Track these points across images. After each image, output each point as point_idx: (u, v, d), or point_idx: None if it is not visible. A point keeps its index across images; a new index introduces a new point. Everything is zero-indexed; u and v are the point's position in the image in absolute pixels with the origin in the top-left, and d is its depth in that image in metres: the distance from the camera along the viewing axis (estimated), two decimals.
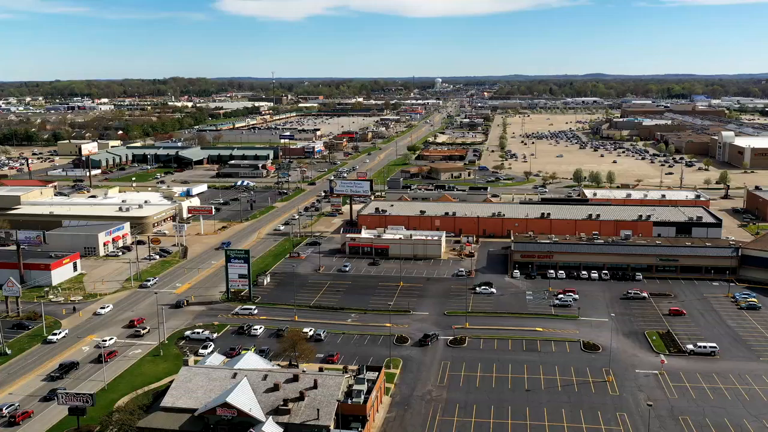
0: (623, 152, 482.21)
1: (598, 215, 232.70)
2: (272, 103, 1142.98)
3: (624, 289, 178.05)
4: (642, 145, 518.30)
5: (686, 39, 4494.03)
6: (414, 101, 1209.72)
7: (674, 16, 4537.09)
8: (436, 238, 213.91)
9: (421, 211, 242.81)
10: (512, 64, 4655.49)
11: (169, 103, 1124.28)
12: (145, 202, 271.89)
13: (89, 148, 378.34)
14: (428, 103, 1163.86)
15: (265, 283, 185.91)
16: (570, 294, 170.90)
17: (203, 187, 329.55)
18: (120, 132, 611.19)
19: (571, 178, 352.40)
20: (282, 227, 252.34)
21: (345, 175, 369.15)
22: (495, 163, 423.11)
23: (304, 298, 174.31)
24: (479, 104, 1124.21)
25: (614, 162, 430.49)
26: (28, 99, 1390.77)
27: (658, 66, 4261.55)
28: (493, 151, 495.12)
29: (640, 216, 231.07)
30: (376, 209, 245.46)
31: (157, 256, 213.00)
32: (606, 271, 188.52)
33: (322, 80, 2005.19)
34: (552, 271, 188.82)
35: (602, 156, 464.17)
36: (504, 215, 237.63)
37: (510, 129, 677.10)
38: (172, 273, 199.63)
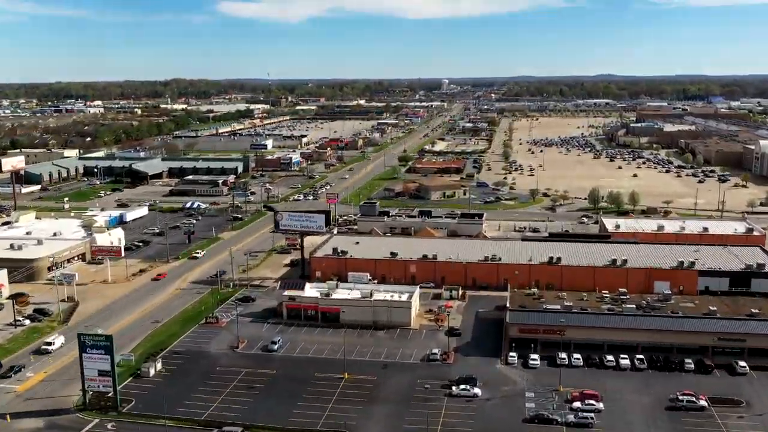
0: (643, 163, 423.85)
1: (625, 261, 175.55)
2: (268, 106, 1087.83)
3: (670, 387, 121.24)
4: (664, 155, 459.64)
5: (693, 39, 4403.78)
6: (418, 103, 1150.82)
7: (678, 16, 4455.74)
8: (404, 297, 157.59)
9: (392, 253, 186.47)
10: (521, 65, 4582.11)
11: (162, 106, 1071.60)
12: (54, 234, 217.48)
13: (13, 162, 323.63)
14: (432, 105, 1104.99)
15: (153, 372, 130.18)
16: (591, 403, 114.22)
17: (143, 211, 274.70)
18: (88, 139, 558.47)
19: (585, 198, 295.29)
20: (215, 271, 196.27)
21: (325, 189, 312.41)
22: (497, 177, 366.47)
23: (198, 405, 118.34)
24: (485, 106, 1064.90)
25: (634, 175, 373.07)
26: (22, 101, 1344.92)
27: (669, 66, 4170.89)
28: (496, 161, 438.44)
29: (681, 263, 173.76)
30: (334, 250, 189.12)
31: (27, 321, 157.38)
32: (641, 357, 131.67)
33: (326, 82, 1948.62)
34: (564, 355, 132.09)
35: (620, 168, 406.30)
36: (500, 259, 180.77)
37: (516, 134, 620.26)
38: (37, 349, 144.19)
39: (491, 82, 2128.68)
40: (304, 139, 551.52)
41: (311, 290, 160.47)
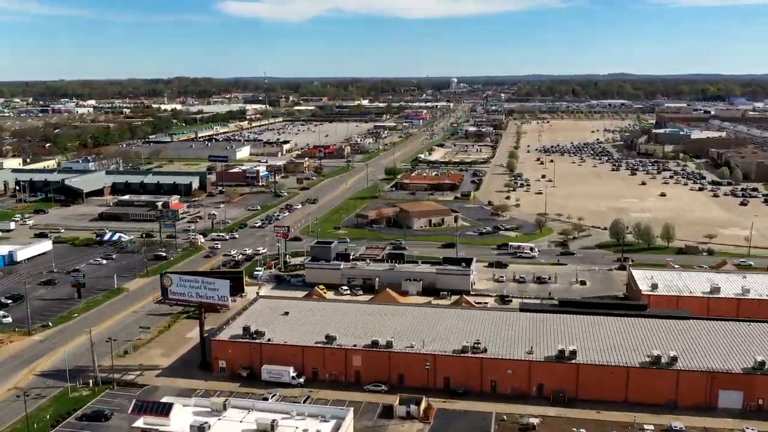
0: (671, 177, 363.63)
1: (675, 358, 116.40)
2: (265, 106, 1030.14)
3: None
4: (694, 167, 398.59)
5: (704, 38, 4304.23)
6: (424, 103, 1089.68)
7: (686, 16, 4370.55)
8: (326, 431, 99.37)
9: (328, 337, 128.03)
10: (531, 64, 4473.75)
11: (154, 105, 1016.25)
12: None
13: None
14: (437, 106, 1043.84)
15: None
16: None
17: (45, 246, 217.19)
18: (48, 144, 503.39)
19: (605, 228, 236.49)
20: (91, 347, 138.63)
21: (278, 214, 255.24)
22: (499, 195, 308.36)
23: None
24: (493, 107, 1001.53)
25: (662, 194, 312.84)
26: (16, 100, 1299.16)
27: (683, 65, 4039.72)
28: (499, 173, 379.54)
29: (762, 363, 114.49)
30: (246, 329, 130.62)
31: None
32: None
33: (332, 80, 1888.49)
34: None
35: (644, 183, 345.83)
36: (485, 350, 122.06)
37: (525, 140, 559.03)
38: None
39: (501, 81, 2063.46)
40: (286, 146, 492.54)
41: (181, 414, 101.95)
